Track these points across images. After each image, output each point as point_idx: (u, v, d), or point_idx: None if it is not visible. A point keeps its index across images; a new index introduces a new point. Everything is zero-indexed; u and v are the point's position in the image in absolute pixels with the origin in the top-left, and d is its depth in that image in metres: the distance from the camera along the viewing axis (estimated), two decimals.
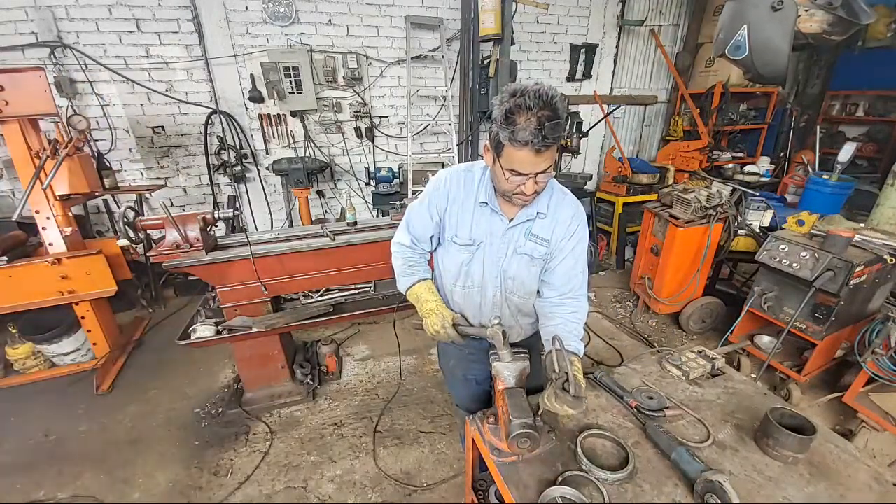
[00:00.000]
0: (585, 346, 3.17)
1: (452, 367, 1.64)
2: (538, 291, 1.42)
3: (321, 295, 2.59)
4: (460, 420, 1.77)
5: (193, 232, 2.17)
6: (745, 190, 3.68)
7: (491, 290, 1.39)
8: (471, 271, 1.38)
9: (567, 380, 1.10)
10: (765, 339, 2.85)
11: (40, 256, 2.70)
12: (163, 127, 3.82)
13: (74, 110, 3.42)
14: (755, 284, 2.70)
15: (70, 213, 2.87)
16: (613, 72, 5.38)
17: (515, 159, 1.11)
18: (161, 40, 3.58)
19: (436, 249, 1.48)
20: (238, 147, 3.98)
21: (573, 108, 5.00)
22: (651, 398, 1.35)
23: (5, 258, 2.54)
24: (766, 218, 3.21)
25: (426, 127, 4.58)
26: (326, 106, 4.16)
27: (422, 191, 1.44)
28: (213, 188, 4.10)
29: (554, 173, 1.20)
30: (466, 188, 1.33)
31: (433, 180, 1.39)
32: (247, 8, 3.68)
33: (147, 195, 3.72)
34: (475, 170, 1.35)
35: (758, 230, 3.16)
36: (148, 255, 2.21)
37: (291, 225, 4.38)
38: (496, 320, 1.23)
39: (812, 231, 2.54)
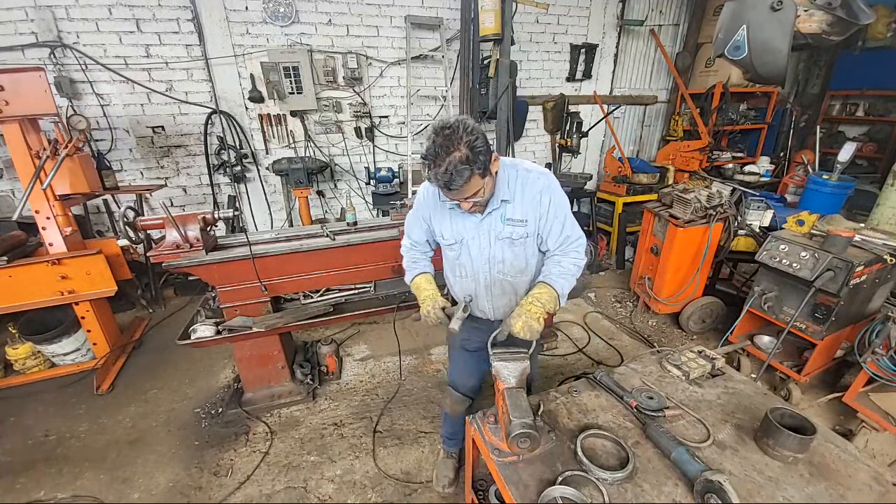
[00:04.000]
0: (585, 346, 3.20)
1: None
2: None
3: (321, 295, 2.59)
4: (449, 400, 1.85)
5: (193, 232, 2.17)
6: (745, 190, 3.68)
7: (482, 276, 1.53)
8: (462, 263, 1.55)
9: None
10: (765, 339, 2.85)
11: (40, 256, 2.69)
12: (163, 127, 3.82)
13: (74, 110, 3.42)
14: (755, 284, 2.70)
15: (70, 213, 2.87)
16: (613, 72, 5.38)
17: (442, 192, 1.32)
18: (161, 40, 3.58)
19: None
20: (238, 147, 3.98)
21: (573, 109, 5.01)
22: (651, 398, 1.35)
23: (5, 258, 2.54)
24: (766, 218, 3.21)
25: (426, 127, 4.58)
26: (326, 106, 4.16)
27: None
28: (213, 188, 4.10)
29: (487, 195, 1.33)
30: (439, 194, 1.45)
31: (419, 192, 1.59)
32: (247, 8, 3.68)
33: (147, 195, 3.72)
34: None
35: (758, 230, 3.16)
36: (148, 255, 2.22)
37: (291, 225, 4.38)
38: (468, 297, 1.53)
39: (812, 231, 2.54)
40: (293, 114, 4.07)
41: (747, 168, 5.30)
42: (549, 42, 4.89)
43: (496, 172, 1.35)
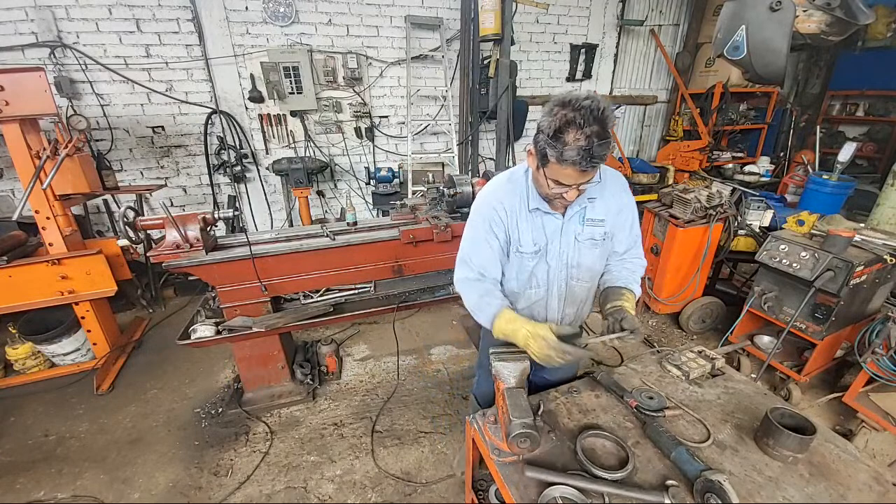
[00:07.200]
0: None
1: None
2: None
3: (321, 295, 2.59)
4: (471, 410, 1.78)
5: (193, 232, 2.17)
6: (745, 190, 3.68)
7: (556, 283, 1.41)
8: (536, 273, 1.40)
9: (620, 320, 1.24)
10: (765, 339, 2.85)
11: (40, 256, 2.69)
12: (163, 127, 3.82)
13: (74, 110, 3.42)
14: (755, 284, 2.70)
15: (70, 213, 2.87)
16: (613, 72, 5.38)
17: (561, 175, 1.13)
18: (161, 40, 3.58)
19: None
20: (238, 147, 3.99)
21: None
22: (651, 398, 1.35)
23: (5, 258, 2.54)
24: (766, 218, 3.21)
25: (426, 127, 4.58)
26: (326, 106, 4.16)
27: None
28: (213, 188, 4.10)
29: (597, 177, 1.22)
30: (518, 197, 1.33)
31: (481, 203, 1.37)
32: (247, 8, 3.68)
33: (147, 195, 3.72)
34: (517, 177, 1.36)
35: (758, 230, 3.16)
36: (148, 255, 2.21)
37: (291, 225, 4.38)
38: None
39: (812, 231, 2.54)
40: (293, 114, 4.07)
41: (747, 168, 5.30)
42: (549, 42, 4.89)
43: None
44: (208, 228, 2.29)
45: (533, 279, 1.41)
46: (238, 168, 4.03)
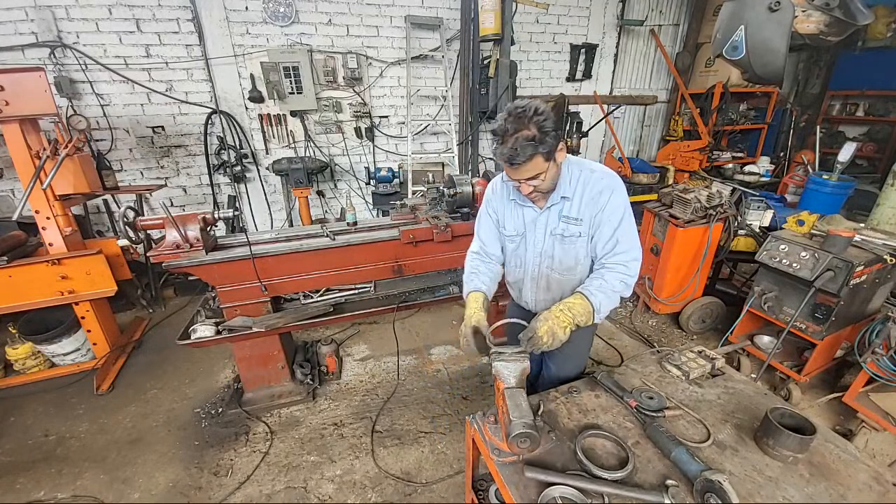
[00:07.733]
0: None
1: None
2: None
3: (321, 295, 2.59)
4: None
5: (193, 232, 2.17)
6: (745, 190, 3.68)
7: (531, 267, 1.58)
8: (518, 254, 1.61)
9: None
10: (765, 339, 2.85)
11: (40, 256, 2.69)
12: (163, 127, 3.82)
13: (74, 110, 3.42)
14: (755, 284, 2.70)
15: (70, 213, 2.87)
16: (613, 72, 5.38)
17: (506, 169, 1.36)
18: (161, 40, 3.58)
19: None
20: (238, 147, 3.99)
21: (573, 109, 5.01)
22: (651, 398, 1.35)
23: (5, 258, 2.54)
24: (766, 218, 3.21)
25: (426, 127, 4.58)
26: (326, 106, 4.16)
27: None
28: (213, 188, 4.10)
29: (548, 183, 1.37)
30: (506, 189, 1.56)
31: (487, 187, 1.65)
32: (247, 8, 3.69)
33: (147, 195, 3.72)
34: None
35: (758, 230, 3.16)
36: (148, 255, 2.21)
37: (291, 225, 4.38)
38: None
39: (812, 231, 2.54)
40: (293, 114, 4.08)
41: (747, 168, 5.30)
42: (549, 42, 4.89)
43: (561, 164, 1.38)
44: (208, 228, 2.29)
45: (515, 259, 1.63)
46: (238, 168, 4.03)
